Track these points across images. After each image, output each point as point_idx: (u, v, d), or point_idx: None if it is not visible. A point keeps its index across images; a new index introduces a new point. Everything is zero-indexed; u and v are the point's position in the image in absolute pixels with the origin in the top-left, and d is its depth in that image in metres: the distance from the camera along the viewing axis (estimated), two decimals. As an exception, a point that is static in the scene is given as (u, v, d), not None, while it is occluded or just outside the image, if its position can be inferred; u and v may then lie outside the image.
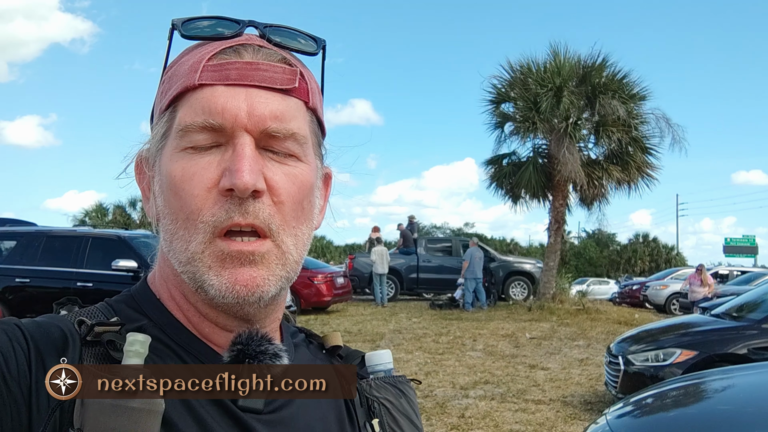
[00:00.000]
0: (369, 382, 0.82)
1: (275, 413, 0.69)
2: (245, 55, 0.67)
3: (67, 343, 0.62)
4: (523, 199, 17.10)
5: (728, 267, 24.91)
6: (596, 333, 11.90)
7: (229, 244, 0.64)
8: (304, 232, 0.70)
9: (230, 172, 0.63)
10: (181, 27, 0.69)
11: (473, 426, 6.05)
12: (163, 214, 0.68)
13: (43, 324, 0.63)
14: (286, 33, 0.71)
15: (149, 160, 0.72)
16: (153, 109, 0.73)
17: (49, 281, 8.90)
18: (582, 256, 47.55)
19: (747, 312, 6.85)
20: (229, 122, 0.64)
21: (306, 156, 0.69)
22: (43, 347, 0.60)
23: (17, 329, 0.60)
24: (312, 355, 0.82)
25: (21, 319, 0.63)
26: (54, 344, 0.61)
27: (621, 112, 15.02)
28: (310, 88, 0.71)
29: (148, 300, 0.72)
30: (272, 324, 0.74)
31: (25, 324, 0.62)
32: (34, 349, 0.60)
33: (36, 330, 0.61)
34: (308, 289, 13.48)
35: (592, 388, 7.67)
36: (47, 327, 0.63)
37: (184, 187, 0.65)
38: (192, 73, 0.66)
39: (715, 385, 4.12)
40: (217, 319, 0.70)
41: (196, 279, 0.65)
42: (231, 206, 0.63)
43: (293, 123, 0.67)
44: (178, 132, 0.66)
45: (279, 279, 0.67)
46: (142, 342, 0.61)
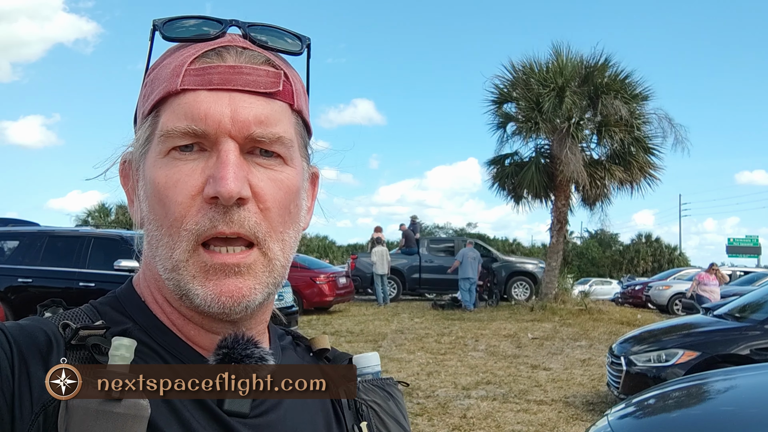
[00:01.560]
0: (357, 385, 0.81)
1: (262, 417, 0.69)
2: (228, 58, 0.66)
3: (51, 347, 0.61)
4: (525, 200, 17.07)
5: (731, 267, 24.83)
6: (598, 333, 11.88)
7: (212, 257, 0.63)
8: (291, 235, 0.69)
9: (214, 180, 0.62)
10: (162, 28, 0.68)
11: (475, 426, 6.04)
12: (147, 220, 0.67)
13: (27, 327, 0.62)
14: (269, 32, 0.70)
15: (133, 164, 0.71)
16: (136, 112, 0.72)
17: (51, 281, 8.90)
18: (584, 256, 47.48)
19: (750, 313, 6.81)
20: (213, 128, 0.63)
21: (292, 159, 0.68)
22: (26, 351, 0.59)
23: (0, 333, 0.59)
24: (299, 357, 0.81)
25: (4, 322, 0.62)
26: (38, 348, 0.60)
27: (623, 112, 14.97)
28: (295, 89, 0.70)
29: (133, 303, 0.71)
30: (259, 326, 0.73)
31: (8, 327, 0.61)
32: (18, 354, 0.59)
33: (19, 334, 0.61)
34: (310, 289, 13.48)
35: (594, 388, 7.65)
36: (31, 330, 0.62)
37: (168, 194, 0.64)
38: (174, 78, 0.65)
39: (718, 386, 4.10)
40: (203, 323, 0.69)
41: (180, 287, 0.64)
42: (215, 214, 0.62)
43: (278, 127, 0.66)
44: (160, 137, 0.65)
45: (266, 286, 0.66)
46: (127, 346, 0.61)
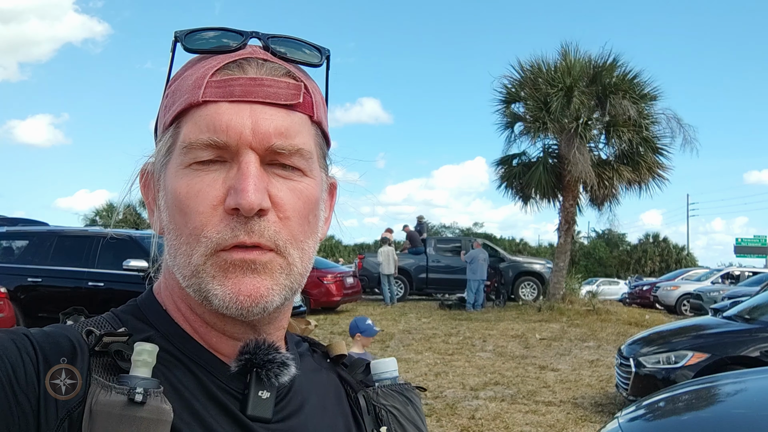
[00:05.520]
0: (375, 390, 0.82)
1: (284, 422, 0.69)
2: (249, 70, 0.66)
3: (75, 353, 0.62)
4: (533, 200, 17.05)
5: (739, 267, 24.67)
6: (606, 334, 11.85)
7: (231, 253, 0.64)
8: (309, 245, 0.70)
9: (235, 192, 0.62)
10: (184, 40, 0.69)
11: (483, 427, 6.04)
12: (167, 230, 0.68)
13: (52, 334, 0.63)
14: (290, 43, 0.70)
15: (154, 174, 0.72)
16: (157, 122, 0.73)
17: (60, 281, 8.97)
18: (592, 257, 47.34)
19: (760, 314, 6.76)
20: (234, 140, 0.64)
21: (311, 170, 0.69)
22: (51, 357, 0.60)
23: (26, 339, 0.60)
24: (317, 364, 0.82)
25: (30, 329, 0.63)
26: (63, 354, 0.61)
27: (632, 112, 14.94)
28: (315, 101, 0.70)
29: (154, 311, 0.72)
30: (278, 332, 0.74)
31: (33, 333, 0.62)
32: (43, 359, 0.59)
33: (45, 340, 0.61)
34: (318, 289, 13.51)
35: (602, 389, 7.63)
36: (56, 337, 0.62)
37: (189, 204, 0.64)
38: (196, 89, 0.66)
39: (728, 389, 4.08)
40: (224, 328, 0.69)
41: (200, 290, 0.65)
42: (236, 225, 0.63)
43: (298, 138, 0.67)
44: (182, 149, 0.66)
45: (283, 288, 0.66)
46: (150, 351, 0.61)
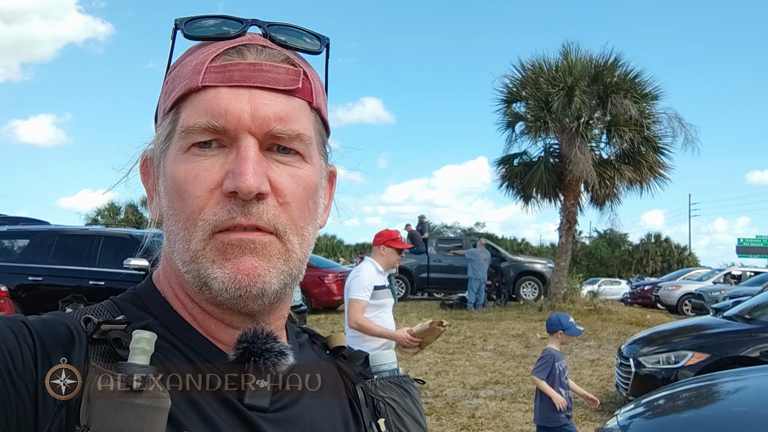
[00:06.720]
0: (374, 382, 0.82)
1: (281, 412, 0.69)
2: (248, 56, 0.67)
3: (73, 340, 0.62)
4: (534, 199, 17.04)
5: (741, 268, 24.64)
6: (607, 333, 11.83)
7: (228, 235, 0.64)
8: (309, 231, 0.70)
9: (234, 175, 0.63)
10: (184, 27, 0.69)
11: (483, 426, 6.04)
12: (166, 215, 0.69)
13: (50, 321, 0.63)
14: (289, 31, 0.71)
15: (154, 160, 0.72)
16: (157, 109, 0.73)
17: (61, 279, 8.96)
18: (593, 256, 47.23)
19: (760, 314, 6.76)
20: (233, 124, 0.64)
21: (311, 156, 0.69)
22: (49, 344, 0.60)
23: (24, 326, 0.61)
24: (316, 355, 0.82)
25: (28, 317, 0.63)
26: (60, 342, 0.61)
27: (633, 111, 14.92)
28: (314, 87, 0.70)
29: (153, 299, 0.72)
30: (277, 322, 0.74)
31: (31, 321, 0.62)
32: (41, 347, 0.60)
33: (42, 327, 0.62)
34: (319, 289, 13.52)
35: (603, 388, 7.63)
36: (54, 324, 0.63)
37: (186, 188, 0.65)
38: (195, 75, 0.66)
39: (728, 387, 4.08)
40: (222, 317, 0.70)
41: (200, 276, 0.65)
42: (234, 207, 0.64)
43: (297, 124, 0.67)
44: (181, 133, 0.66)
45: (281, 273, 0.66)
46: (148, 339, 0.62)
